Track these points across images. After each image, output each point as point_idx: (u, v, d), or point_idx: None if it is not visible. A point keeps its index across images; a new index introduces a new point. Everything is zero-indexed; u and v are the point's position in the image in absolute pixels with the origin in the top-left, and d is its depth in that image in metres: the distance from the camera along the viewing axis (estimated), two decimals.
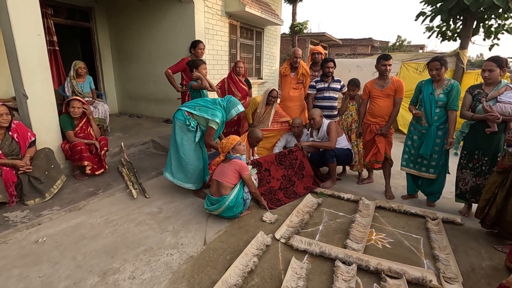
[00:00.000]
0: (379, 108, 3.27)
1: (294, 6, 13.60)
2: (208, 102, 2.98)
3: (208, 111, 2.88)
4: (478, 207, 2.56)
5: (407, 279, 1.91)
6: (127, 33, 6.08)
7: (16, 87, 3.12)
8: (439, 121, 2.87)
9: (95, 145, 3.40)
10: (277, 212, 2.90)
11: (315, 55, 4.63)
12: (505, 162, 2.28)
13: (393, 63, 3.51)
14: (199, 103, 2.98)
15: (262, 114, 3.91)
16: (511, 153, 2.22)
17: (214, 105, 2.94)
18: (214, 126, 2.88)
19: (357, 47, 21.13)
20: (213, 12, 5.71)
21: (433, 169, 2.99)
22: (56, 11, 5.32)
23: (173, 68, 4.14)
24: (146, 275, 1.98)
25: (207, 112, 2.87)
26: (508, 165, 2.24)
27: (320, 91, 3.97)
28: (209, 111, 2.88)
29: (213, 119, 2.85)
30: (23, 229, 2.44)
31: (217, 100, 3.04)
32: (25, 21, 2.90)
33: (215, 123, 2.87)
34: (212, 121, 2.86)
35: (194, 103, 2.99)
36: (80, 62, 4.35)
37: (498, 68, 2.54)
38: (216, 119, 2.85)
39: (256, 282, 1.94)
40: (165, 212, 2.84)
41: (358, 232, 2.49)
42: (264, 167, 3.27)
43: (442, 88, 2.84)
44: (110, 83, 6.62)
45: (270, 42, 8.07)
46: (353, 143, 3.68)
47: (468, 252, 2.33)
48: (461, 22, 5.99)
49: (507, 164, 2.25)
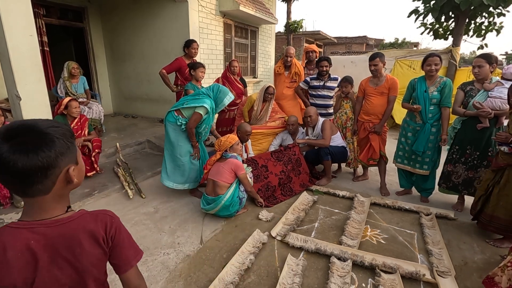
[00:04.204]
0: (373, 106, 3.30)
1: (288, 5, 13.59)
2: (195, 95, 2.96)
3: (195, 101, 2.84)
4: (473, 204, 2.60)
5: (401, 273, 1.94)
6: (121, 32, 6.04)
7: (8, 88, 3.08)
8: (433, 118, 2.91)
9: (87, 147, 3.38)
10: (273, 210, 2.92)
11: (310, 54, 4.65)
12: (499, 161, 2.30)
13: (387, 60, 3.53)
14: (187, 98, 2.96)
15: (259, 111, 3.93)
16: (503, 152, 2.25)
17: (201, 95, 2.91)
18: (201, 112, 2.81)
19: (352, 45, 21.19)
20: (207, 11, 5.70)
21: (426, 166, 3.03)
22: (48, 11, 5.27)
23: (168, 68, 4.14)
24: (143, 275, 1.97)
25: (194, 103, 2.83)
26: (503, 164, 2.27)
27: (315, 89, 3.99)
28: (196, 101, 2.84)
29: (200, 105, 2.79)
30: None
31: (201, 90, 3.01)
32: (17, 21, 2.87)
33: (203, 108, 2.80)
34: (199, 107, 2.80)
35: (182, 100, 2.97)
36: (73, 63, 4.32)
37: (487, 64, 2.58)
38: (203, 104, 2.79)
39: (253, 279, 1.95)
40: (162, 211, 2.84)
41: (353, 229, 2.52)
42: (260, 163, 3.28)
43: (435, 85, 2.88)
44: (104, 83, 6.58)
45: (265, 41, 8.08)
46: (348, 140, 3.71)
47: (461, 246, 2.37)
48: (453, 20, 6.05)
49: (502, 162, 2.28)
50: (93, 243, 0.78)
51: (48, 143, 0.69)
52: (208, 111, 2.86)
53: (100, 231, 0.80)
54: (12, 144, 0.66)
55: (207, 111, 2.85)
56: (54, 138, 0.71)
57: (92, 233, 0.78)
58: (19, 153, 0.66)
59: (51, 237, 0.73)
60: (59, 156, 0.71)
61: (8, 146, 0.66)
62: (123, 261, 0.85)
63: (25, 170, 0.66)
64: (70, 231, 0.76)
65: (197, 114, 2.81)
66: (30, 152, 0.67)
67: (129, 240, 0.88)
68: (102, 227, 0.81)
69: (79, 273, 0.77)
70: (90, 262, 0.78)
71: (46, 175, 0.70)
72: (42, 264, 0.72)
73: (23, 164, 0.66)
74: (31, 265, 0.71)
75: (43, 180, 0.70)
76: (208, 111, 2.86)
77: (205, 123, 2.93)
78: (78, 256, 0.76)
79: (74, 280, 0.77)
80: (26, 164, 0.66)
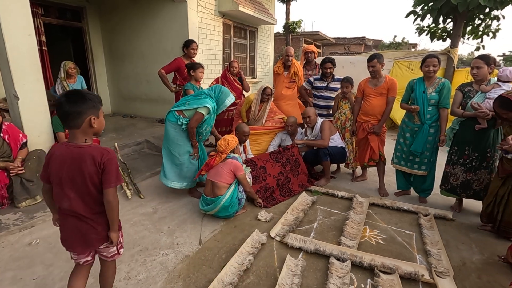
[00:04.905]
0: (372, 106, 3.31)
1: (287, 5, 13.61)
2: (197, 95, 2.97)
3: (197, 102, 2.85)
4: (482, 211, 2.59)
5: (400, 274, 1.95)
6: (120, 32, 6.03)
7: (6, 88, 3.07)
8: (431, 119, 2.92)
9: None
10: (272, 210, 2.91)
11: (308, 54, 4.66)
12: (506, 167, 2.32)
13: (385, 61, 3.54)
14: (188, 98, 2.97)
15: (256, 112, 3.93)
16: (508, 158, 2.27)
17: (203, 95, 2.92)
18: (203, 112, 2.82)
19: (351, 45, 21.25)
20: (207, 11, 5.70)
21: (424, 166, 3.04)
22: (47, 10, 5.25)
23: (166, 68, 4.13)
24: (142, 275, 1.98)
25: (196, 103, 2.84)
26: (509, 171, 2.29)
27: (318, 89, 3.99)
28: (198, 101, 2.85)
29: (203, 105, 2.81)
30: (16, 232, 2.41)
31: (202, 91, 3.02)
32: (15, 21, 2.86)
33: (205, 108, 2.82)
34: (202, 107, 2.81)
35: (184, 100, 2.98)
36: (69, 62, 4.29)
37: (485, 65, 2.60)
38: (206, 104, 2.81)
39: (252, 280, 1.95)
40: (160, 212, 2.83)
41: (352, 229, 2.52)
42: (259, 165, 3.28)
43: (433, 86, 2.89)
44: (103, 83, 6.57)
45: (264, 41, 8.08)
46: (347, 141, 3.71)
47: (459, 247, 2.37)
48: (451, 21, 6.08)
49: (509, 169, 2.29)
50: (92, 163, 1.32)
51: (83, 101, 1.31)
52: (210, 111, 2.87)
53: (97, 158, 1.33)
54: (66, 98, 1.29)
55: (209, 111, 2.86)
56: (87, 99, 1.32)
57: (92, 157, 1.32)
58: (67, 103, 1.29)
59: (73, 153, 1.33)
60: (86, 109, 1.31)
61: (65, 99, 1.29)
62: (106, 181, 1.35)
63: (68, 112, 1.29)
64: (83, 152, 1.33)
65: (199, 114, 2.82)
66: (72, 103, 1.29)
67: (116, 170, 1.37)
68: (99, 156, 1.33)
69: (84, 177, 1.33)
70: (89, 173, 1.32)
71: (77, 117, 1.30)
72: (66, 165, 1.33)
73: (67, 108, 1.29)
74: (61, 164, 1.33)
75: (76, 119, 1.31)
76: (210, 111, 2.87)
77: (206, 123, 2.93)
78: (83, 167, 1.32)
79: (81, 180, 1.33)
80: (69, 109, 1.29)
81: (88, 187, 1.34)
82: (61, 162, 1.33)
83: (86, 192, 1.34)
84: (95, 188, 1.36)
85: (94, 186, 1.35)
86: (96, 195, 1.37)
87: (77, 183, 1.33)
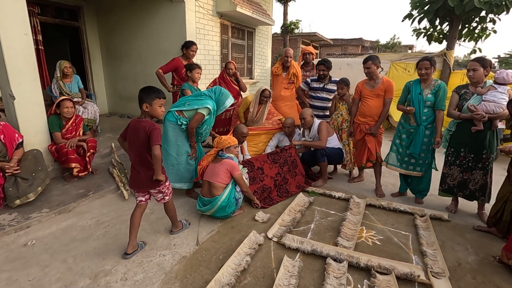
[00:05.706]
0: (369, 108, 3.32)
1: (285, 6, 13.63)
2: (197, 96, 2.98)
3: (198, 102, 2.86)
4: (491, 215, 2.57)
5: (396, 274, 1.96)
6: (117, 32, 6.00)
7: (2, 87, 3.05)
8: (427, 120, 2.94)
9: (82, 147, 3.35)
10: (269, 211, 2.92)
11: (306, 55, 4.68)
12: None
13: (382, 63, 3.57)
14: (188, 98, 2.97)
15: (254, 114, 3.93)
16: None
17: (203, 96, 2.93)
18: (204, 112, 2.83)
19: (348, 47, 21.36)
20: (204, 11, 5.69)
21: (419, 167, 3.07)
22: (43, 9, 5.21)
23: (164, 68, 4.12)
24: (139, 276, 1.97)
25: (197, 103, 2.85)
26: None
27: (315, 90, 4.00)
28: (199, 102, 2.86)
29: (204, 106, 2.82)
30: (11, 232, 2.40)
31: (202, 92, 3.03)
32: (11, 20, 2.84)
33: (206, 109, 2.83)
34: (203, 108, 2.82)
35: (183, 100, 2.97)
36: (65, 62, 4.26)
37: (481, 68, 2.62)
38: (207, 105, 2.82)
39: (249, 281, 1.96)
40: (157, 213, 2.82)
41: (349, 230, 2.53)
42: (256, 165, 3.28)
43: (429, 88, 2.91)
44: (100, 83, 6.53)
45: (262, 42, 8.09)
46: (344, 142, 3.73)
47: (455, 248, 2.39)
48: (447, 24, 6.12)
49: None
50: (144, 132, 2.01)
51: (146, 92, 2.05)
52: (211, 112, 2.88)
53: (146, 129, 2.01)
54: (140, 89, 2.09)
55: (210, 112, 2.88)
56: (150, 92, 2.05)
57: (144, 128, 2.02)
58: (140, 93, 2.06)
59: (136, 125, 2.07)
60: (143, 98, 2.04)
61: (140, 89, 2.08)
62: (152, 141, 1.99)
63: (139, 98, 2.05)
64: (140, 125, 2.04)
65: (200, 115, 2.82)
66: (140, 92, 2.06)
67: (157, 135, 2.01)
68: (148, 127, 2.01)
69: (141, 140, 2.03)
70: (142, 138, 2.02)
71: (140, 102, 2.05)
72: (132, 132, 2.08)
73: (139, 96, 2.06)
74: (131, 130, 2.10)
75: (140, 103, 2.05)
76: (211, 112, 2.88)
77: (206, 124, 2.94)
78: (140, 134, 2.03)
79: (140, 143, 2.04)
80: (139, 96, 2.05)
81: (142, 147, 2.04)
82: (131, 129, 2.09)
83: (140, 150, 2.05)
84: (145, 148, 2.04)
85: (144, 146, 2.03)
86: (145, 153, 2.06)
87: (136, 143, 2.06)
